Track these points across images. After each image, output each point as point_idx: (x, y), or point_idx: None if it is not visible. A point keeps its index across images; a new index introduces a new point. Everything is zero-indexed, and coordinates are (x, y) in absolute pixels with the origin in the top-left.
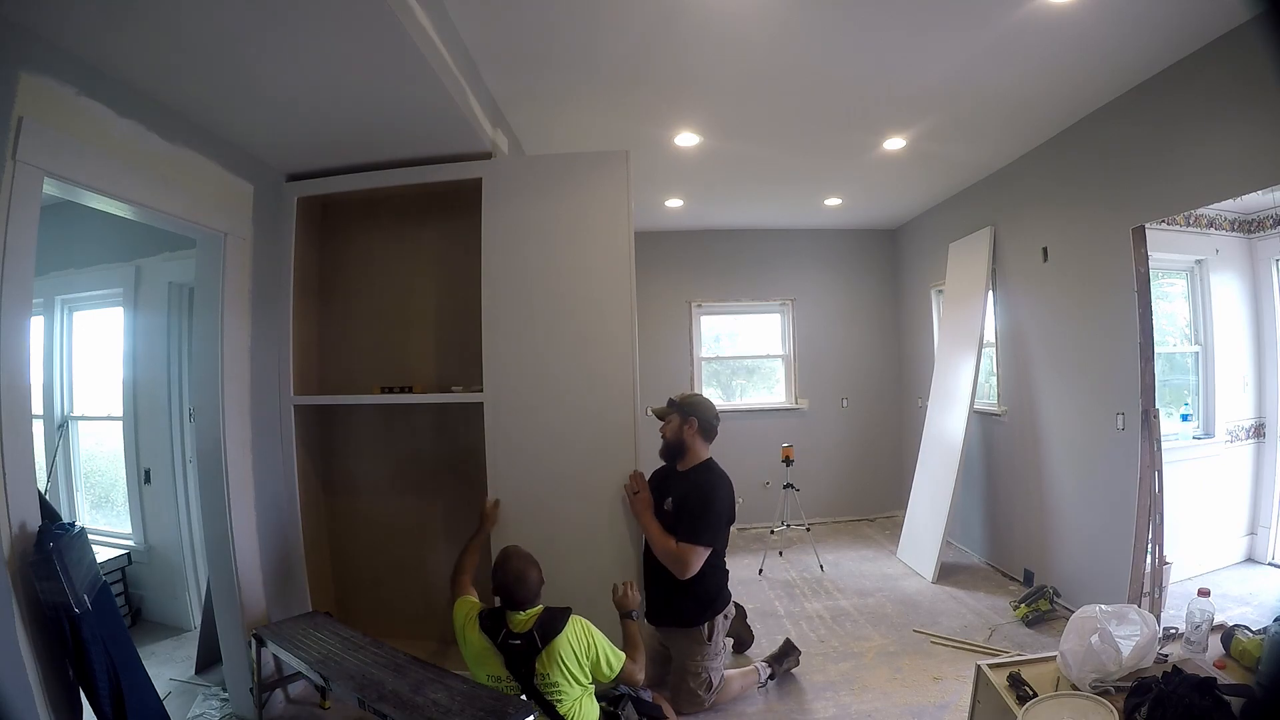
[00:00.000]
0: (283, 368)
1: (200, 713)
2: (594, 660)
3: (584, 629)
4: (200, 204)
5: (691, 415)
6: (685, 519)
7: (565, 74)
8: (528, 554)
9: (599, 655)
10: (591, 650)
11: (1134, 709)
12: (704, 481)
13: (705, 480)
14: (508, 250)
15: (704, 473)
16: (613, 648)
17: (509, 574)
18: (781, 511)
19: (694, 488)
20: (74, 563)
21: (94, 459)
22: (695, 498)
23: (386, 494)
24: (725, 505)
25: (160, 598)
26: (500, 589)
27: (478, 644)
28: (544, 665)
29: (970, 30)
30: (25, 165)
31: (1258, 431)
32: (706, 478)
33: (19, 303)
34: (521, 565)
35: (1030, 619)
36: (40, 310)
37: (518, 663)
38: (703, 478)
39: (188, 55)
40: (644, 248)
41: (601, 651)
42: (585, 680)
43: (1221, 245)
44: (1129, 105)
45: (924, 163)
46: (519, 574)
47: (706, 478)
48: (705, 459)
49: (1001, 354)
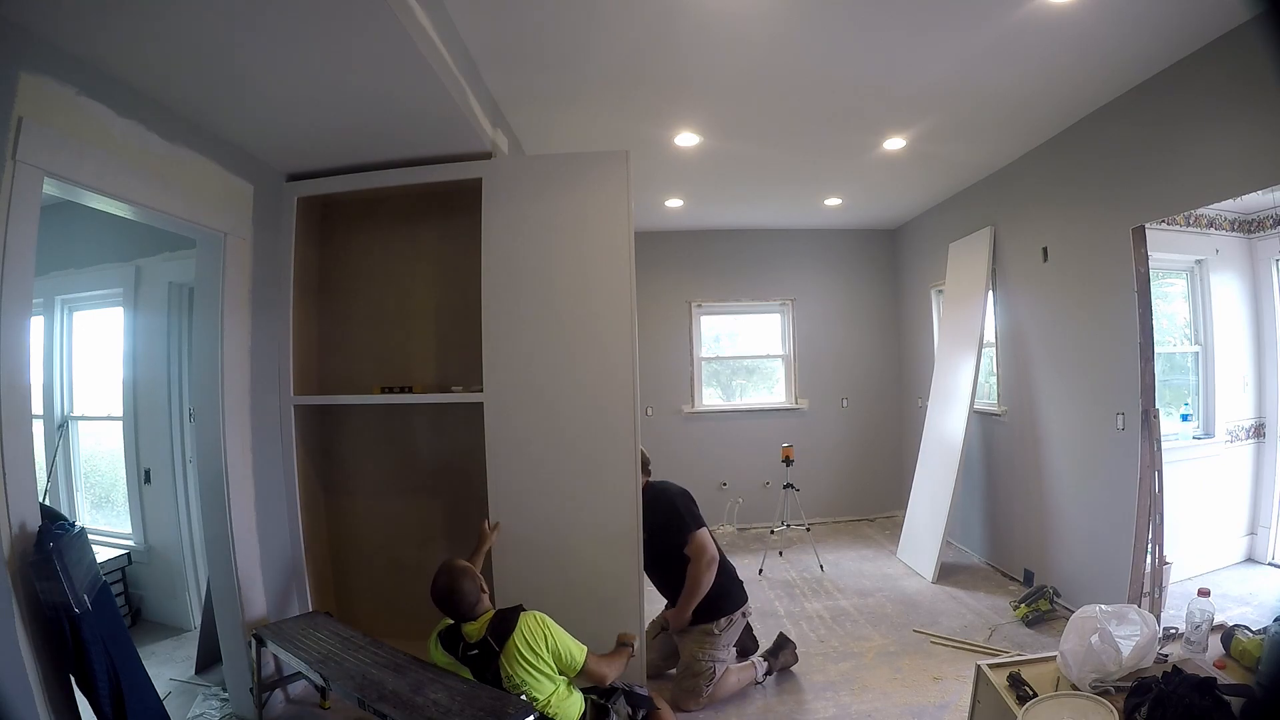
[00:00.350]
0: (283, 368)
1: (200, 713)
2: (554, 651)
3: (538, 622)
4: (200, 204)
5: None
6: (672, 529)
7: (565, 74)
8: (460, 566)
9: (558, 646)
10: (550, 641)
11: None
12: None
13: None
14: (508, 250)
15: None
16: (573, 640)
17: (440, 591)
18: (781, 511)
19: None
20: (74, 563)
21: (94, 459)
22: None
23: (386, 494)
24: (679, 494)
25: (160, 598)
26: (440, 607)
27: (443, 661)
28: (506, 666)
29: (970, 30)
30: (25, 165)
31: (1258, 431)
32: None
33: (19, 303)
34: (450, 580)
35: (1030, 619)
36: (40, 310)
37: (482, 670)
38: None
39: (188, 55)
40: (644, 248)
41: (560, 641)
42: (552, 671)
43: (1221, 245)
44: (1129, 105)
45: (924, 163)
46: (449, 588)
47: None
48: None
49: (1001, 354)
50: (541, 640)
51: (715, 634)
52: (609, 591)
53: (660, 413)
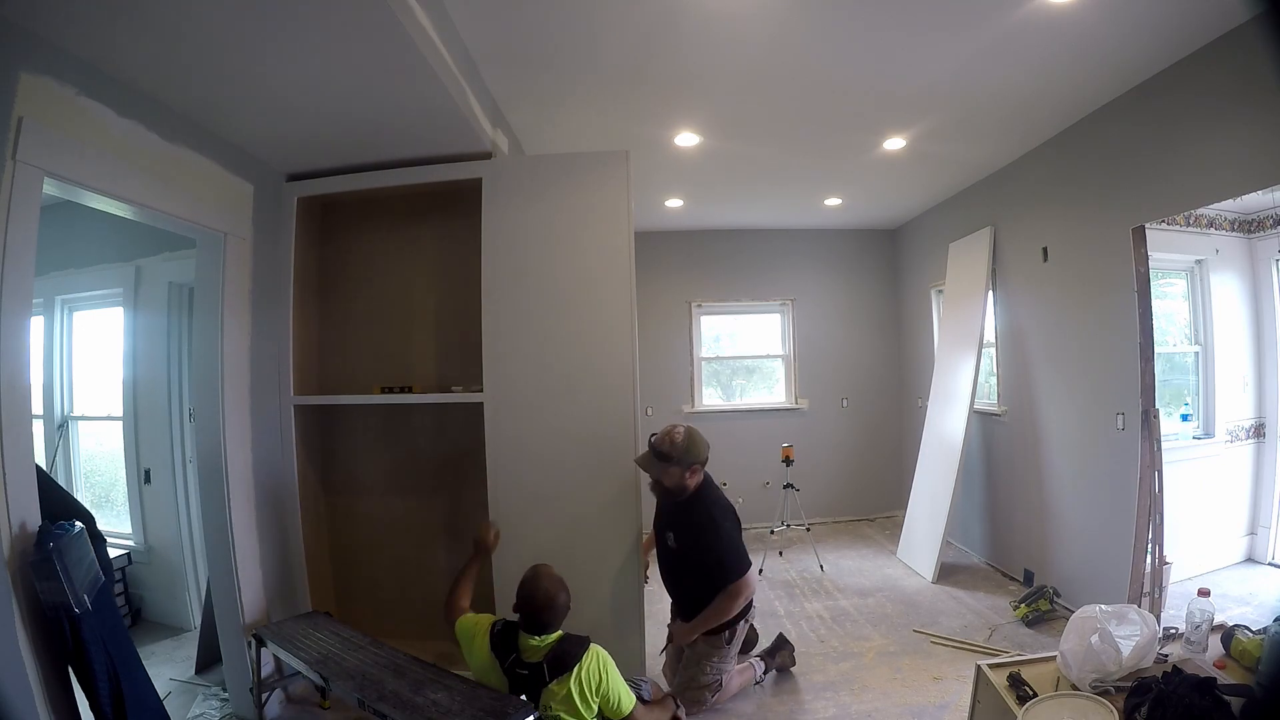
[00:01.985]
0: (283, 368)
1: (200, 713)
2: (604, 697)
3: (600, 664)
4: (200, 204)
5: (693, 463)
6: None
7: (565, 74)
8: (559, 577)
9: (609, 693)
10: (604, 687)
11: (1134, 709)
12: (704, 519)
13: (704, 516)
14: (508, 250)
15: (699, 505)
16: (625, 688)
17: (539, 595)
18: (781, 511)
19: (698, 529)
20: (74, 563)
21: (94, 459)
22: (705, 538)
23: (386, 494)
24: (731, 523)
25: (160, 598)
26: (525, 609)
27: (484, 659)
28: (549, 697)
29: (970, 30)
30: (25, 165)
31: (1258, 431)
32: (705, 512)
33: (19, 303)
34: (553, 589)
35: (1030, 619)
36: (40, 310)
37: (521, 689)
38: (701, 514)
39: (187, 55)
40: (644, 248)
41: (614, 690)
42: (592, 715)
43: (1221, 245)
44: (1129, 105)
45: (924, 163)
46: (549, 598)
47: (705, 512)
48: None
49: (1001, 354)
50: (596, 683)
51: (723, 645)
52: (609, 591)
53: (660, 413)
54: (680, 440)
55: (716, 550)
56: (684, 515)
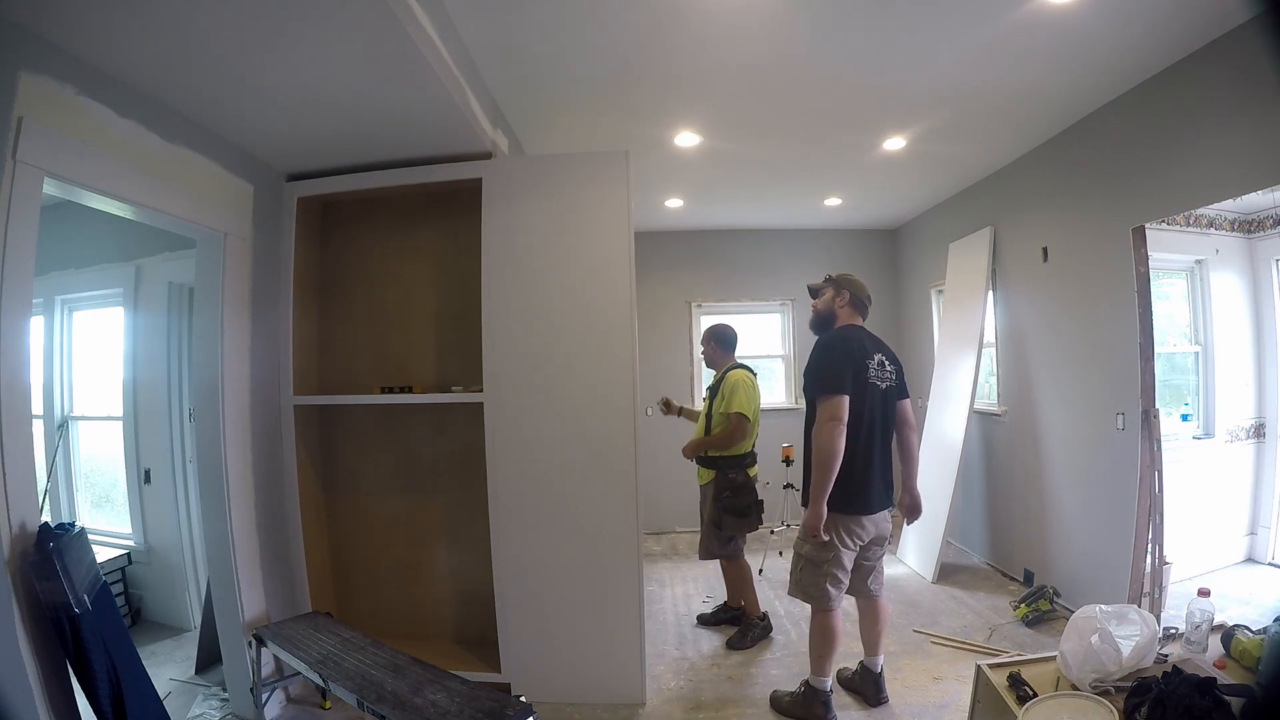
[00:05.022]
0: (283, 368)
1: (200, 713)
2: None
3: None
4: (200, 204)
5: (845, 289)
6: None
7: (565, 74)
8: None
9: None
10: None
11: (1134, 709)
12: (816, 346)
13: (817, 345)
14: (508, 250)
15: (822, 342)
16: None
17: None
18: (782, 511)
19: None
20: (74, 563)
21: (94, 459)
22: (811, 363)
23: (386, 494)
24: (836, 351)
25: (160, 598)
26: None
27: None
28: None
29: (970, 30)
30: (25, 165)
31: (1258, 431)
32: (821, 343)
33: (19, 303)
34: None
35: (1030, 619)
36: (40, 310)
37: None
38: (817, 345)
39: (187, 55)
40: (644, 248)
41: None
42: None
43: (1221, 245)
44: (1129, 105)
45: (924, 163)
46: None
47: (821, 343)
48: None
49: (1001, 354)
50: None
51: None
52: (609, 591)
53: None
54: (843, 273)
55: (811, 372)
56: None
